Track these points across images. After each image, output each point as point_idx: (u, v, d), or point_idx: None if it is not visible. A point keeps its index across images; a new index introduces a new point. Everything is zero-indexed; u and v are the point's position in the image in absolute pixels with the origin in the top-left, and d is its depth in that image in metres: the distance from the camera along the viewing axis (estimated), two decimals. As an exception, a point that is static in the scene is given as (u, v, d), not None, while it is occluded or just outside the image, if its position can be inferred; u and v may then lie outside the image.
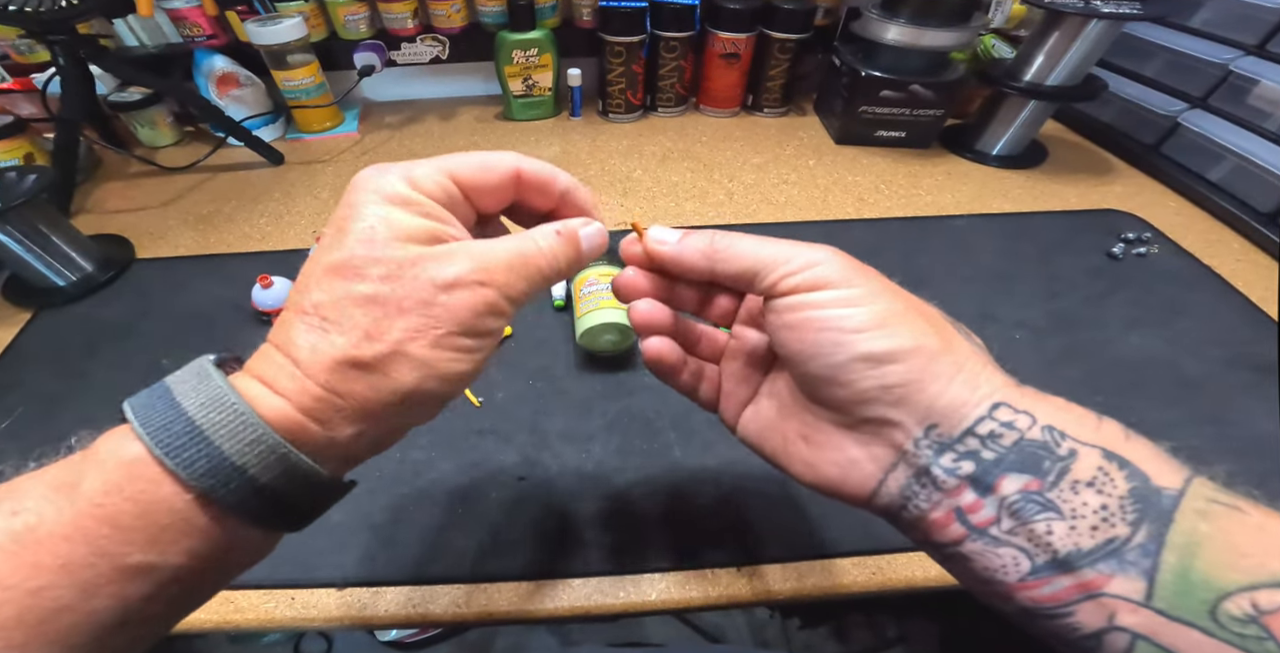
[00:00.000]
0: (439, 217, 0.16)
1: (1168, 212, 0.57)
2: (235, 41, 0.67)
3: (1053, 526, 0.13)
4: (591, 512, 0.34)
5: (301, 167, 0.66)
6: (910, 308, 0.16)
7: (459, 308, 0.15)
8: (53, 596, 0.12)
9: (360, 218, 0.15)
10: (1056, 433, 0.14)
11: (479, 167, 0.17)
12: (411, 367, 0.15)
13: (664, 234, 0.19)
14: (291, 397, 0.14)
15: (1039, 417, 0.14)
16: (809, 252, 0.17)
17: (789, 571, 0.31)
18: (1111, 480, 0.13)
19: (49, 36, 0.50)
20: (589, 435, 0.38)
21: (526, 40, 0.67)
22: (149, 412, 0.14)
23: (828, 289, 0.16)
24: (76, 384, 0.41)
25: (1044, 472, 0.14)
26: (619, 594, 0.30)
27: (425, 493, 0.35)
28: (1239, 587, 0.12)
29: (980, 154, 0.66)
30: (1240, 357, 0.42)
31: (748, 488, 0.35)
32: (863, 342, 0.15)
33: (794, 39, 0.67)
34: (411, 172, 0.16)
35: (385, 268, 0.15)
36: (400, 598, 0.30)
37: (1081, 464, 0.13)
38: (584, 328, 0.39)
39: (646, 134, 0.72)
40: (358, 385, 0.15)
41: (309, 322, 0.15)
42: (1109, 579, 0.13)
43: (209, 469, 0.13)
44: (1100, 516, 0.13)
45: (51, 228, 0.46)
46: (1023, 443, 0.14)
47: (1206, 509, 0.13)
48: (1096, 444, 0.14)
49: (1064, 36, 0.56)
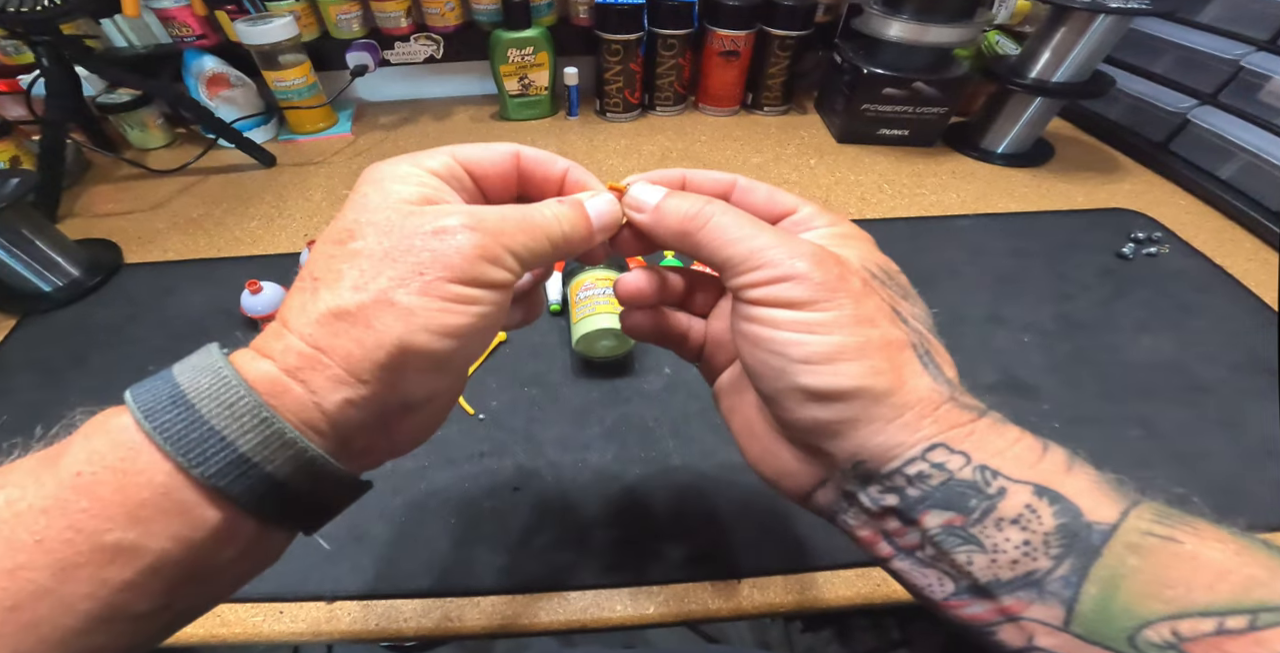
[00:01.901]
0: (438, 188, 0.16)
1: (1178, 210, 0.56)
2: (225, 41, 0.66)
3: (973, 557, 0.14)
4: (588, 522, 0.33)
5: (294, 168, 0.65)
6: (870, 343, 0.15)
7: (448, 251, 0.14)
8: (28, 577, 0.11)
9: (363, 195, 0.16)
10: (989, 472, 0.14)
11: (480, 148, 0.18)
12: (397, 315, 0.14)
13: (644, 194, 0.18)
14: (276, 356, 0.14)
15: (974, 457, 0.14)
16: (790, 260, 0.15)
17: (792, 582, 0.30)
18: (1038, 517, 0.13)
19: (32, 37, 0.49)
20: (586, 444, 0.37)
21: (522, 39, 0.66)
22: (144, 386, 0.14)
23: (791, 309, 0.15)
24: (62, 392, 0.40)
25: (968, 510, 0.14)
26: (616, 608, 0.30)
27: (418, 504, 0.34)
28: (1160, 616, 0.12)
29: (985, 152, 0.65)
30: (1253, 359, 0.41)
31: (749, 497, 0.34)
32: (805, 374, 0.15)
33: (794, 36, 0.66)
34: (417, 156, 0.17)
35: (377, 228, 0.15)
36: (391, 612, 0.30)
37: (1009, 502, 0.14)
38: (580, 333, 0.38)
39: (645, 133, 0.71)
40: (342, 340, 0.14)
41: (302, 285, 0.15)
42: (1027, 606, 0.13)
43: (182, 431, 0.13)
44: (1022, 550, 0.13)
45: (36, 232, 0.45)
46: (951, 483, 0.14)
47: (1139, 543, 0.13)
48: (1030, 481, 0.14)
49: (1071, 32, 0.55)
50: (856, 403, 0.14)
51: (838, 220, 0.18)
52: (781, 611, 0.30)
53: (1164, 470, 0.35)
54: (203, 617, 0.29)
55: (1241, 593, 0.12)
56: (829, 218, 0.18)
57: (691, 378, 0.41)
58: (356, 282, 0.14)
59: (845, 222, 0.18)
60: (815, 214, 0.18)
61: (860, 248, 0.17)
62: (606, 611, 0.30)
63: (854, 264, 0.16)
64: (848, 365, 0.14)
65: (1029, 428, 0.15)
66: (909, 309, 0.16)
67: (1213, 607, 0.12)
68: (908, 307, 0.16)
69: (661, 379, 0.40)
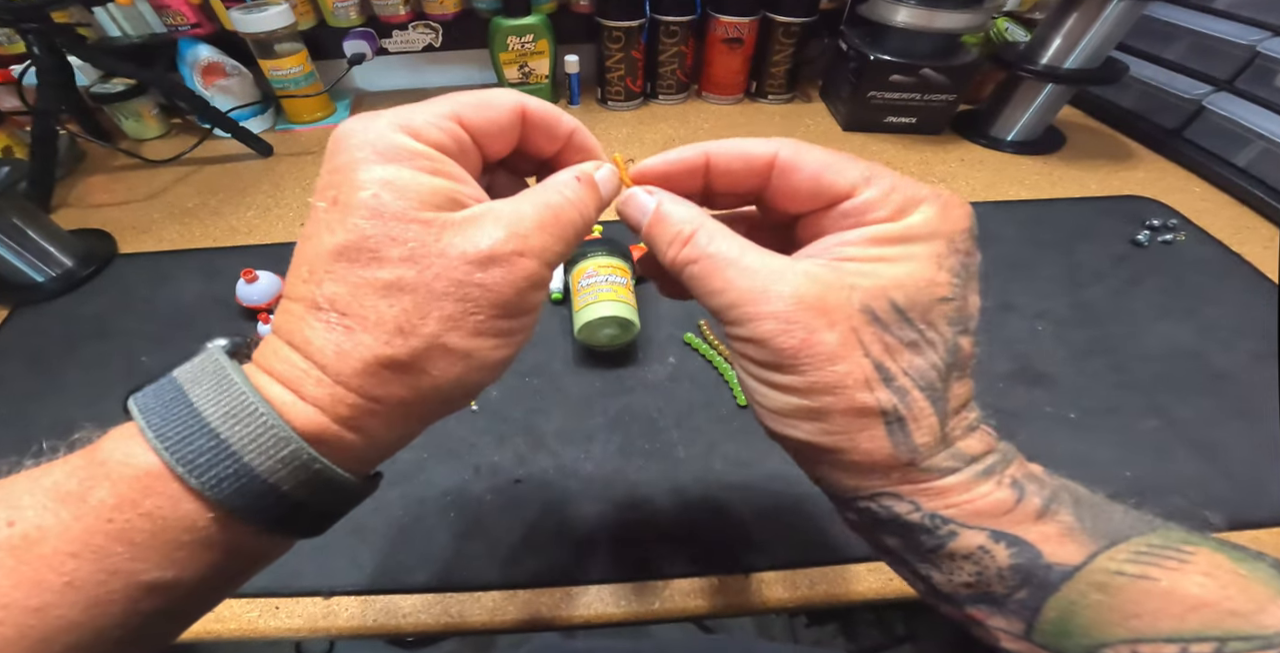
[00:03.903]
0: (451, 173, 0.14)
1: (1192, 198, 0.55)
2: (221, 30, 0.65)
3: (930, 574, 0.15)
4: (592, 515, 0.32)
5: (291, 158, 0.64)
6: (826, 409, 0.14)
7: (499, 286, 0.13)
8: (57, 614, 0.11)
9: (358, 185, 0.13)
10: (939, 519, 0.14)
11: (480, 104, 0.15)
12: (452, 361, 0.13)
13: (641, 204, 0.16)
14: (325, 406, 0.13)
15: (925, 506, 0.14)
16: (758, 322, 0.14)
17: (799, 577, 0.30)
18: (991, 556, 0.14)
19: (22, 25, 0.48)
20: (588, 435, 0.36)
21: (522, 26, 0.65)
22: (164, 419, 0.12)
23: (757, 366, 0.15)
24: (54, 383, 0.40)
25: (919, 544, 0.15)
26: (620, 603, 0.29)
27: (417, 497, 0.33)
28: (1120, 639, 0.13)
29: (995, 140, 0.64)
30: (1271, 348, 0.40)
31: (754, 489, 0.33)
32: (765, 417, 0.16)
33: (799, 23, 0.65)
34: (409, 118, 0.14)
35: (404, 246, 0.13)
36: (390, 607, 0.29)
37: (961, 543, 0.14)
38: (582, 322, 0.37)
39: (647, 122, 0.70)
40: (394, 388, 0.13)
41: (326, 319, 0.13)
42: (988, 616, 0.14)
43: (238, 489, 0.12)
44: (976, 577, 0.14)
45: (27, 222, 0.45)
46: (900, 521, 0.15)
47: (1105, 581, 0.13)
48: (985, 527, 0.14)
49: (1083, 18, 0.54)
50: (810, 451, 0.15)
51: (905, 208, 0.14)
52: (788, 607, 0.29)
53: (1181, 461, 0.34)
54: None
55: (1212, 623, 0.12)
56: (893, 206, 0.14)
57: (696, 367, 0.40)
58: (402, 324, 0.13)
59: (916, 209, 0.14)
60: (877, 202, 0.14)
61: (898, 269, 0.14)
62: (610, 606, 0.29)
63: (850, 307, 0.14)
64: (800, 423, 0.15)
65: (1044, 419, 0.15)
66: (904, 363, 0.14)
67: (1179, 634, 0.12)
68: (906, 358, 0.14)
69: (666, 369, 0.40)
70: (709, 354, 0.40)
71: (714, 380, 0.39)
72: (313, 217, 0.14)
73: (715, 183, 0.17)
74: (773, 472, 0.34)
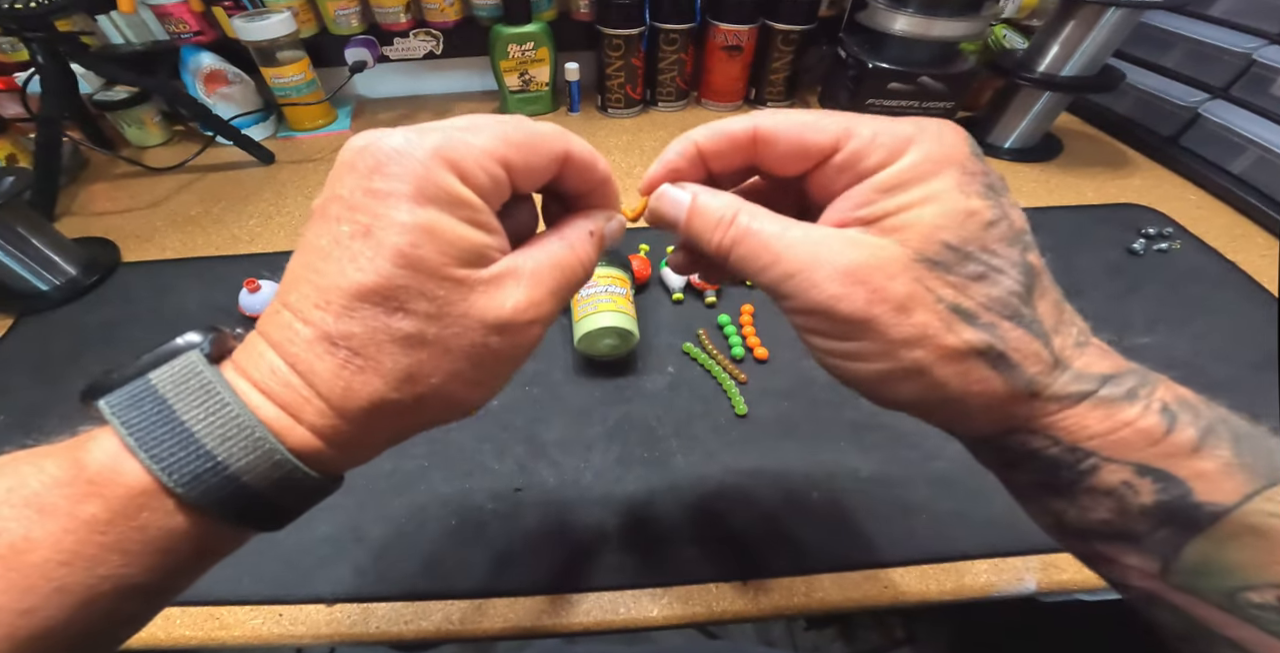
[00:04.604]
0: (488, 224, 0.14)
1: (1188, 205, 0.55)
2: (223, 38, 0.65)
3: (1065, 510, 0.14)
4: (591, 523, 0.32)
5: (293, 166, 0.65)
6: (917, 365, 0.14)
7: (509, 352, 0.14)
8: (45, 616, 0.12)
9: (396, 227, 0.12)
10: (1080, 452, 0.14)
11: (529, 146, 0.14)
12: (447, 405, 0.14)
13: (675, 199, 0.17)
14: (323, 434, 0.13)
15: (1064, 439, 0.14)
16: (810, 290, 0.14)
17: (797, 584, 0.30)
18: (1135, 492, 0.13)
19: (26, 34, 0.48)
20: (588, 444, 0.36)
21: (522, 34, 0.65)
22: (155, 439, 0.12)
23: (826, 339, 0.15)
24: (59, 391, 0.40)
25: (1057, 479, 0.14)
26: (620, 611, 0.29)
27: (418, 505, 0.33)
28: (1269, 583, 0.12)
29: (992, 148, 0.64)
30: (1268, 357, 0.40)
31: (752, 498, 0.33)
32: (864, 391, 0.15)
33: (798, 30, 0.65)
34: (458, 154, 0.13)
35: (432, 303, 0.13)
36: (392, 614, 0.29)
37: (1102, 478, 0.14)
38: (582, 332, 0.37)
39: (647, 129, 0.70)
40: (389, 423, 0.14)
41: (336, 354, 0.13)
42: (1122, 553, 0.14)
43: (238, 509, 0.13)
44: (1114, 514, 0.14)
45: (31, 231, 0.45)
46: (1039, 457, 0.14)
47: (1261, 524, 0.12)
48: (1131, 461, 0.13)
49: (1080, 25, 0.54)
50: (928, 408, 0.15)
51: (897, 149, 0.14)
52: (788, 613, 0.29)
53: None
54: (201, 620, 0.29)
55: None
56: (884, 150, 0.14)
57: (694, 377, 0.40)
58: (414, 373, 0.13)
59: (909, 149, 0.14)
60: (865, 150, 0.14)
61: (929, 210, 0.13)
62: (611, 613, 0.29)
63: (904, 259, 0.13)
64: (900, 385, 0.14)
65: None
66: (980, 297, 0.13)
67: None
68: (981, 292, 0.13)
69: (664, 378, 0.40)
70: (708, 364, 0.40)
71: (713, 390, 0.39)
72: (328, 230, 0.13)
73: (712, 166, 0.17)
74: (771, 480, 0.34)
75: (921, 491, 0.33)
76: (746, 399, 0.38)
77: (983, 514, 0.32)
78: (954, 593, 0.29)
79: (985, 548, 0.31)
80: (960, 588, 0.30)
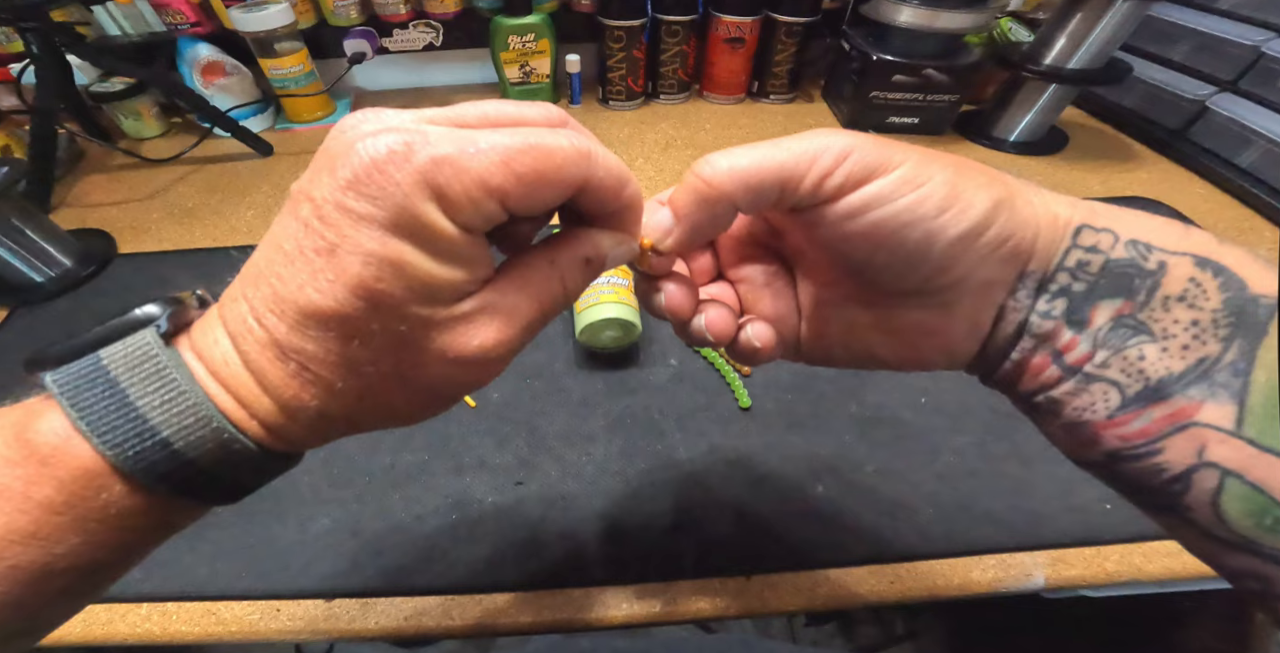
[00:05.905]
0: (467, 258, 0.12)
1: (1195, 198, 0.55)
2: (220, 29, 0.64)
3: (1145, 349, 0.13)
4: (592, 517, 0.32)
5: (291, 158, 0.64)
6: (954, 165, 0.14)
7: (468, 383, 0.14)
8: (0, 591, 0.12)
9: (361, 255, 0.11)
10: (1142, 246, 0.13)
11: (536, 178, 0.12)
12: (392, 419, 0.15)
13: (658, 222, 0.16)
14: (274, 428, 0.14)
15: (1121, 234, 0.14)
16: (829, 139, 0.14)
17: (801, 579, 0.30)
18: (1204, 292, 0.13)
19: (21, 24, 0.47)
20: (589, 436, 0.36)
21: (523, 25, 0.64)
22: (108, 425, 0.12)
23: (880, 177, 0.14)
24: (54, 385, 0.40)
25: (1134, 291, 0.13)
26: (622, 606, 0.29)
27: (417, 499, 0.33)
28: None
29: (997, 140, 0.64)
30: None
31: (756, 491, 0.33)
32: (952, 223, 0.13)
33: (801, 22, 0.64)
34: (447, 187, 0.11)
35: (390, 337, 0.12)
36: (391, 609, 0.29)
37: (1172, 277, 0.13)
38: (584, 324, 0.37)
39: (648, 122, 0.69)
40: (342, 426, 0.14)
41: (287, 365, 0.12)
42: (1199, 406, 0.12)
43: (203, 488, 0.13)
44: (1191, 333, 0.13)
45: (26, 222, 0.44)
46: (1110, 265, 0.13)
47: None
48: (1187, 252, 0.13)
49: (1087, 18, 0.53)
50: (1001, 216, 0.14)
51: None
52: (790, 610, 0.29)
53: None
54: (199, 615, 0.29)
55: None
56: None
57: (697, 369, 0.40)
58: (363, 393, 0.13)
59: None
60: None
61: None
62: (612, 608, 0.29)
63: None
64: (970, 193, 0.13)
65: None
66: None
67: None
68: None
69: (667, 371, 0.39)
70: (711, 356, 0.40)
71: (716, 383, 0.39)
72: (294, 233, 0.12)
73: None
74: (774, 474, 0.34)
75: (928, 485, 0.33)
76: (750, 392, 0.38)
77: (989, 509, 0.32)
78: (961, 589, 0.29)
79: (992, 543, 0.30)
80: (967, 584, 0.29)
